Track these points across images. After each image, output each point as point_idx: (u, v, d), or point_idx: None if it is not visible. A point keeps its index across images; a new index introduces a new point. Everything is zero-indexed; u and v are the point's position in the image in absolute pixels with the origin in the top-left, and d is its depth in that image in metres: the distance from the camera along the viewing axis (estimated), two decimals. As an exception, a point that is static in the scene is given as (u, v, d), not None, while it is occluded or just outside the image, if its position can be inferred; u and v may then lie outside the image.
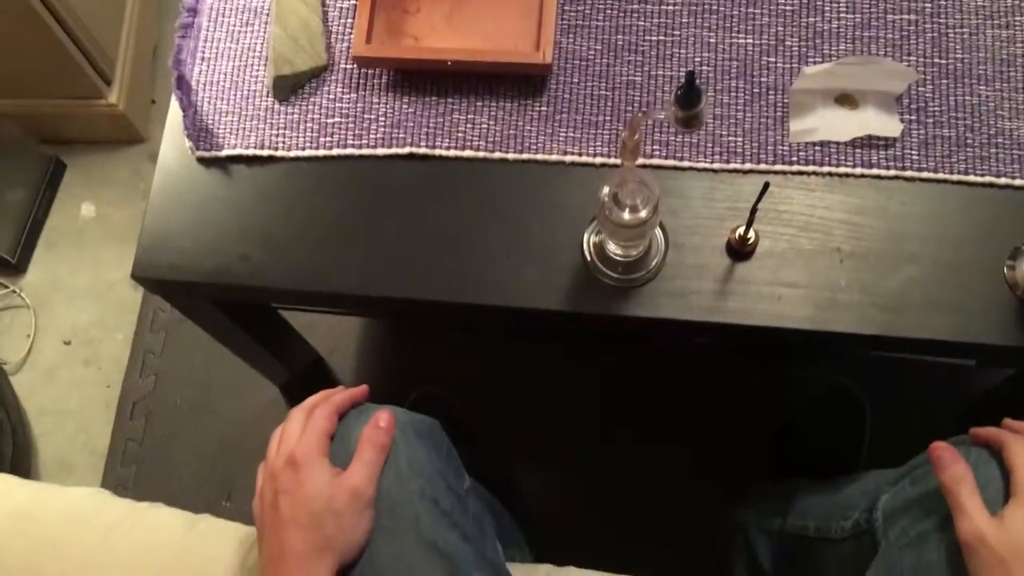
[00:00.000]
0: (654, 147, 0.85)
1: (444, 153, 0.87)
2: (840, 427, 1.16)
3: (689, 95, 0.63)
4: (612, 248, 0.81)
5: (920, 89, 0.85)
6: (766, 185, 0.72)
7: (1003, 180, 0.82)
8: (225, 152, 0.89)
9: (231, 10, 0.94)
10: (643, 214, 0.69)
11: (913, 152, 0.83)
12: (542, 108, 0.88)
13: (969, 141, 0.83)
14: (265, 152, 0.89)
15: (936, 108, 0.84)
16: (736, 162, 0.85)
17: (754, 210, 0.75)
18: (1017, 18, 0.86)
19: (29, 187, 1.50)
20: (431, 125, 0.88)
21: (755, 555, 1.03)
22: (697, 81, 0.63)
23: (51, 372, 1.43)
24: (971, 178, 0.82)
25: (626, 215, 0.70)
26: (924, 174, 0.83)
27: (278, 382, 1.33)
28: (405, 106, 0.89)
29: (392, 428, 0.70)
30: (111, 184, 1.54)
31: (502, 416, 1.28)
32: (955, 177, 0.83)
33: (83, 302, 1.47)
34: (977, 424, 0.72)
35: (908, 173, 0.83)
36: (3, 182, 1.47)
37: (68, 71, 1.37)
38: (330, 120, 0.89)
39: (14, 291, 1.47)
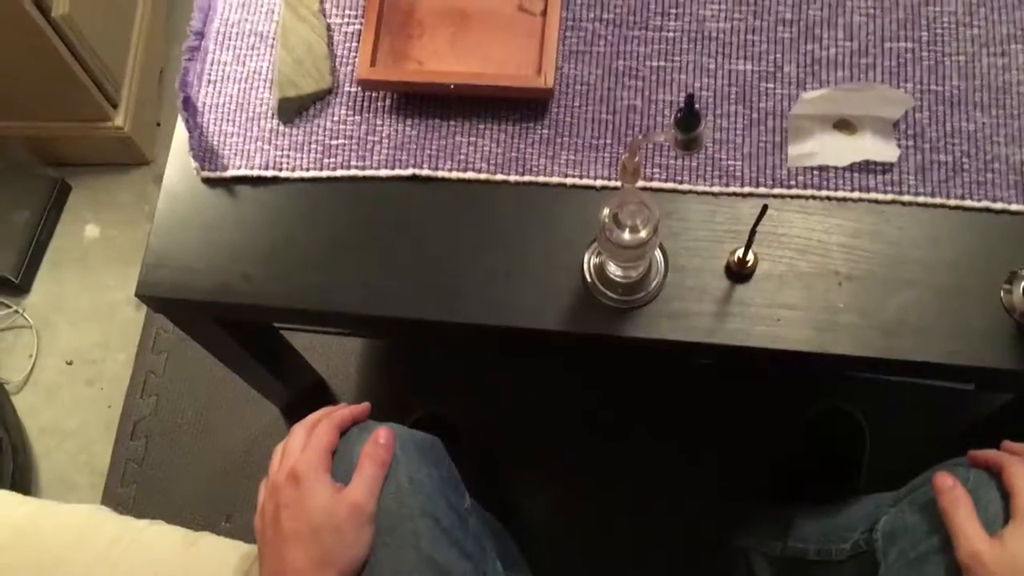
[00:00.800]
0: (654, 170, 0.86)
1: (446, 175, 0.88)
2: (839, 451, 1.16)
3: (689, 118, 0.64)
4: (612, 269, 0.81)
5: (917, 115, 0.86)
6: (764, 207, 0.73)
7: (999, 205, 0.83)
8: (230, 173, 0.90)
9: (238, 34, 0.95)
10: (643, 234, 0.70)
11: (910, 177, 0.84)
12: (543, 131, 0.89)
13: (966, 167, 0.84)
14: (269, 173, 0.90)
15: (933, 134, 0.85)
16: (735, 186, 0.85)
17: (753, 232, 0.76)
18: (1013, 46, 0.88)
19: (34, 208, 1.51)
20: (434, 147, 0.89)
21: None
22: (696, 105, 0.64)
23: (53, 392, 1.43)
24: (968, 203, 0.83)
25: (626, 235, 0.71)
26: (921, 199, 0.84)
27: (279, 403, 1.34)
28: (408, 128, 0.90)
29: (392, 444, 0.71)
30: (115, 206, 1.55)
31: (502, 437, 1.28)
32: (952, 202, 0.83)
33: (86, 322, 1.47)
34: (976, 447, 0.72)
35: (905, 198, 0.84)
36: (9, 203, 1.48)
37: (75, 94, 1.39)
38: (334, 142, 0.90)
39: (17, 311, 1.48)
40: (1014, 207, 0.83)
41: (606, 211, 0.72)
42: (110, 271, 1.50)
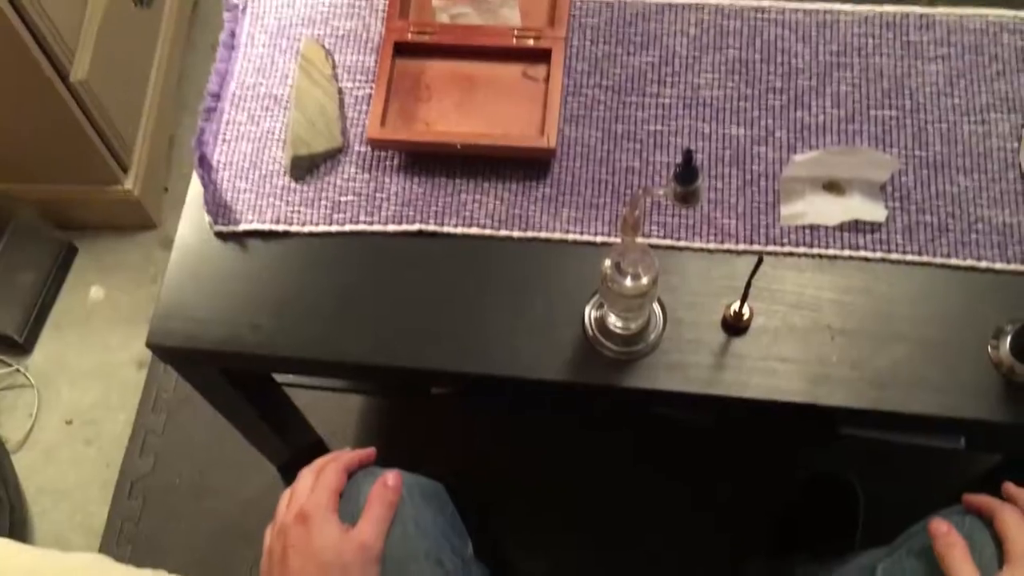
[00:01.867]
0: (653, 227, 0.90)
1: (452, 230, 0.91)
2: (834, 513, 1.17)
3: (687, 172, 0.68)
4: (613, 321, 0.84)
5: (903, 178, 0.90)
6: (760, 258, 0.76)
7: (984, 264, 0.86)
8: (243, 227, 0.93)
9: (253, 96, 0.99)
10: (644, 281, 0.73)
11: (898, 236, 0.88)
12: (546, 190, 0.92)
13: (951, 227, 0.88)
14: (281, 227, 0.93)
15: (918, 196, 0.89)
16: (731, 243, 0.89)
17: (748, 284, 0.79)
18: (992, 115, 0.92)
19: (40, 269, 1.53)
20: (440, 204, 0.92)
21: None
22: (694, 161, 0.68)
23: (51, 451, 1.44)
24: (954, 261, 0.87)
25: (628, 282, 0.73)
26: (909, 257, 0.87)
27: (277, 462, 1.34)
28: (415, 186, 0.93)
29: (400, 487, 0.72)
30: (121, 268, 1.58)
31: (500, 495, 1.29)
32: (938, 260, 0.87)
33: (87, 382, 1.48)
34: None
35: (894, 256, 0.87)
36: (16, 264, 1.50)
37: (88, 157, 1.43)
38: (343, 198, 0.93)
39: (19, 370, 1.49)
40: (998, 266, 0.86)
41: (608, 261, 0.75)
42: (113, 332, 1.52)
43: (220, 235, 0.94)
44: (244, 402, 1.08)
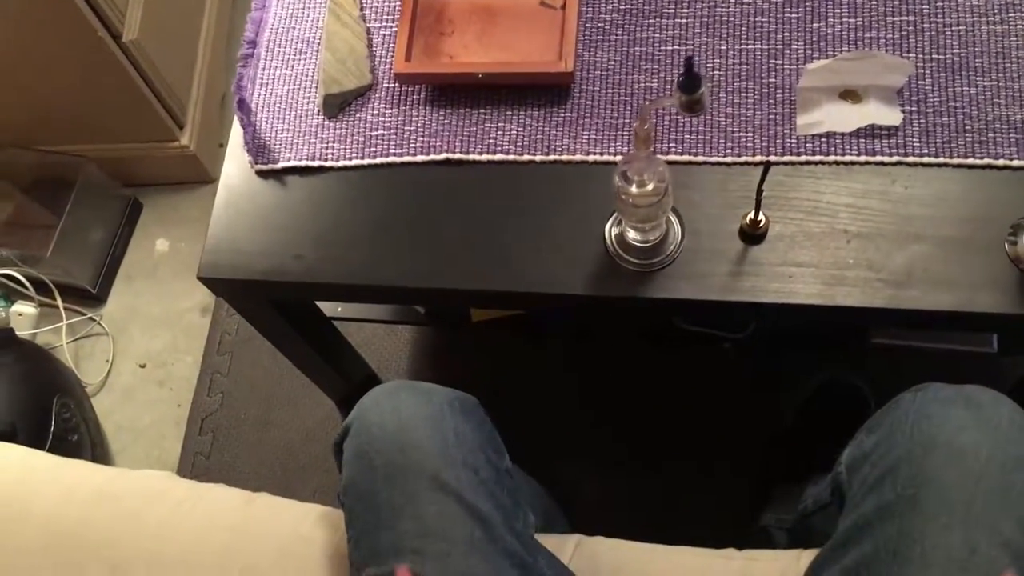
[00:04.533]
0: (670, 144, 0.92)
1: (477, 158, 0.95)
2: (843, 420, 1.18)
3: (690, 79, 0.70)
4: (632, 235, 0.87)
5: (920, 83, 0.91)
6: (767, 165, 0.78)
7: (1001, 162, 0.87)
8: (281, 164, 0.98)
9: (287, 41, 1.04)
10: (650, 187, 0.76)
11: (914, 139, 0.89)
12: (566, 114, 0.95)
13: (968, 127, 0.88)
14: (316, 163, 0.98)
15: (935, 99, 0.90)
16: (747, 155, 0.91)
17: (759, 192, 0.81)
18: (1011, 15, 0.92)
19: (109, 225, 1.63)
20: (465, 133, 0.96)
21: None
22: (695, 68, 0.70)
23: (128, 393, 1.53)
24: (970, 161, 0.87)
25: (634, 189, 0.77)
26: (925, 159, 0.88)
27: (334, 396, 1.41)
28: (441, 117, 0.97)
29: None
30: (183, 222, 1.66)
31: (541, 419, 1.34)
32: (955, 161, 0.87)
33: (157, 329, 1.58)
34: None
35: (910, 159, 0.88)
36: (86, 221, 1.60)
37: (145, 116, 1.50)
38: (374, 133, 0.98)
39: (94, 319, 1.59)
40: (1016, 163, 0.86)
41: (617, 173, 0.78)
42: (178, 282, 1.61)
43: (260, 173, 0.99)
44: (298, 337, 1.15)
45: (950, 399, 0.72)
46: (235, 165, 1.01)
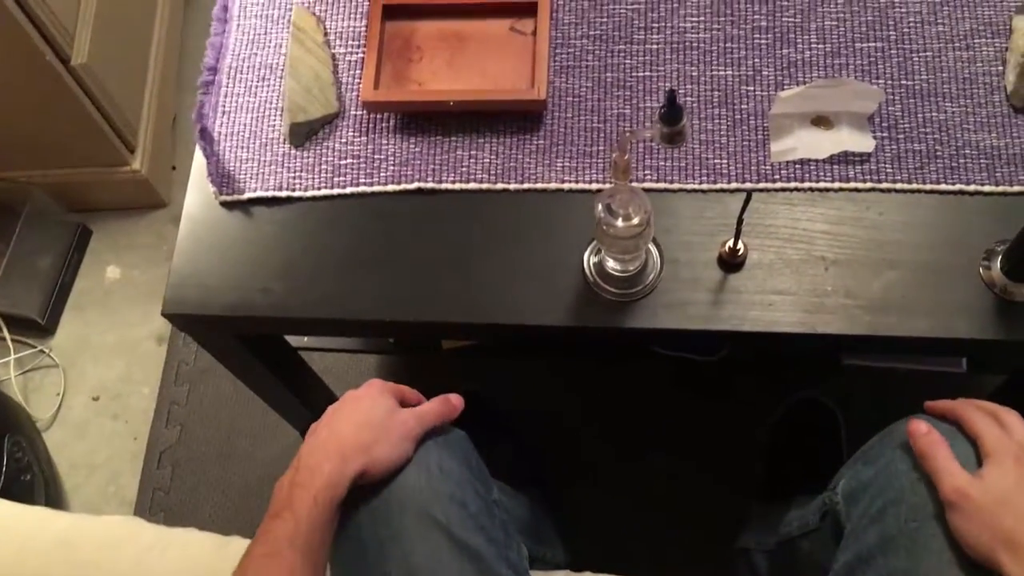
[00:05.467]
0: (646, 172, 0.92)
1: (450, 187, 0.93)
2: (815, 439, 1.19)
3: (672, 112, 0.70)
4: (611, 264, 0.86)
5: (890, 108, 0.91)
6: (749, 194, 0.78)
7: (972, 187, 0.88)
8: (247, 195, 0.96)
9: (249, 67, 1.01)
10: (636, 221, 0.75)
11: (887, 166, 0.89)
12: (539, 141, 0.94)
13: (939, 153, 0.89)
14: (283, 193, 0.95)
15: (906, 125, 0.91)
16: (723, 182, 0.91)
17: (740, 220, 0.81)
18: (976, 40, 0.93)
19: (57, 253, 1.57)
20: (437, 162, 0.94)
21: (757, 572, 1.07)
22: (678, 100, 0.69)
23: (81, 427, 1.48)
24: (942, 187, 0.88)
25: (620, 223, 0.76)
26: (898, 185, 0.88)
27: (298, 426, 1.38)
28: (412, 146, 0.95)
29: (460, 407, 0.80)
30: (135, 248, 1.61)
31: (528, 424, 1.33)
32: (927, 187, 0.88)
33: (110, 359, 1.53)
34: None
35: (883, 185, 0.89)
36: (33, 249, 1.54)
37: (95, 140, 1.46)
38: (343, 162, 0.96)
39: (43, 351, 1.54)
40: (986, 188, 0.87)
41: (600, 205, 0.77)
42: (132, 309, 1.56)
43: (225, 204, 0.96)
44: (262, 368, 1.12)
45: (951, 432, 0.72)
46: (198, 196, 0.97)
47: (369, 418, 0.74)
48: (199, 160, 0.98)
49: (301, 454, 0.73)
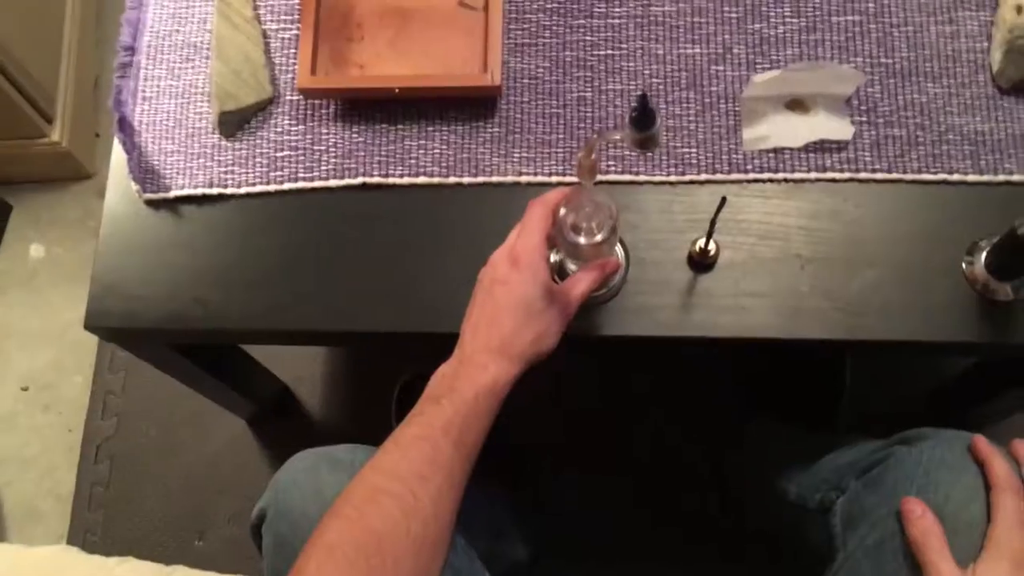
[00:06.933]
0: (610, 163, 0.85)
1: (398, 181, 0.86)
2: (819, 377, 1.16)
3: (643, 117, 0.63)
4: (572, 268, 0.80)
5: (869, 90, 0.85)
6: (723, 200, 0.71)
7: (956, 177, 0.82)
8: (173, 193, 0.87)
9: (170, 47, 0.92)
10: (598, 238, 0.69)
11: (866, 154, 0.84)
12: (494, 130, 0.87)
13: (920, 139, 0.84)
14: (214, 191, 0.87)
15: (886, 108, 0.85)
16: (692, 173, 0.84)
17: (713, 224, 0.75)
18: (959, 13, 0.87)
19: (-26, 231, 1.46)
20: (383, 153, 0.87)
21: None
22: (650, 104, 0.62)
23: (10, 420, 1.39)
24: (924, 176, 0.83)
25: (582, 239, 0.69)
26: (878, 175, 0.83)
27: (244, 415, 1.31)
28: (355, 136, 0.87)
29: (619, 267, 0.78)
30: (60, 223, 1.50)
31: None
32: (909, 176, 0.83)
33: (38, 346, 1.43)
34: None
35: (862, 175, 0.83)
36: (-53, 228, 1.43)
37: (7, 111, 1.34)
38: (279, 154, 0.87)
39: (-35, 339, 1.44)
40: (970, 178, 0.82)
41: (562, 213, 0.71)
42: (58, 291, 1.46)
43: (151, 203, 0.88)
44: (199, 370, 1.04)
45: (959, 465, 0.68)
46: (118, 193, 0.88)
47: (529, 311, 0.69)
48: (118, 154, 0.89)
49: (464, 344, 0.70)
